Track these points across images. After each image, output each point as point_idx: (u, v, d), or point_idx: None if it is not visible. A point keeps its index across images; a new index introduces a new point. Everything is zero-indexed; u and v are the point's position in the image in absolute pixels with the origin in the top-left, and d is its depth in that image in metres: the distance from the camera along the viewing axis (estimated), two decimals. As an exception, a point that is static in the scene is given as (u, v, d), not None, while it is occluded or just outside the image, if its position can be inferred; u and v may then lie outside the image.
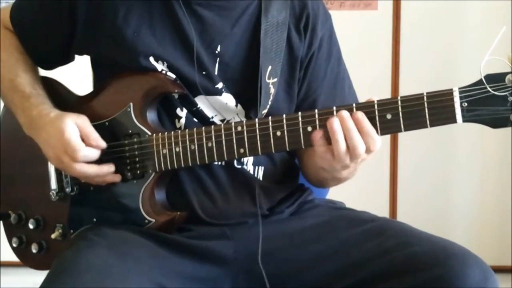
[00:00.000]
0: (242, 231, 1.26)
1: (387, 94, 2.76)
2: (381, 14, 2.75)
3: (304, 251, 1.23)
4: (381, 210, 2.73)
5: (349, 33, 2.70)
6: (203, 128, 1.20)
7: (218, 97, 1.25)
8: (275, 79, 1.26)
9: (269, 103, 1.26)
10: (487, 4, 2.69)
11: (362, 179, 2.80)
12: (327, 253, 1.21)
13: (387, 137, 2.81)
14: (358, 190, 2.74)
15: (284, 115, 1.15)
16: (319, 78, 1.33)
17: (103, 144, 1.24)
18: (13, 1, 1.39)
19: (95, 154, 1.23)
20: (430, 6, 2.72)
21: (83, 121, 1.23)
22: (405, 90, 2.75)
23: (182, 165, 1.21)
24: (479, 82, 1.01)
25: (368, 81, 2.43)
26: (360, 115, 1.08)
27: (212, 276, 1.22)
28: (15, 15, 1.35)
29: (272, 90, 1.26)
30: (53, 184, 1.33)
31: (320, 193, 1.48)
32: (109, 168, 1.25)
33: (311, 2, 1.33)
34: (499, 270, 2.54)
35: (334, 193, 1.51)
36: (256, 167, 1.29)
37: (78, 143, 1.21)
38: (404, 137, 2.80)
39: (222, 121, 1.26)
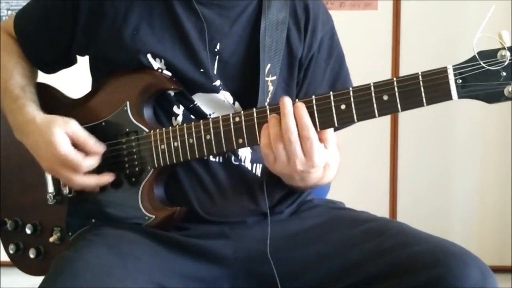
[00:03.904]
0: (242, 231, 1.25)
1: (387, 94, 2.76)
2: (381, 14, 2.75)
3: (304, 252, 1.22)
4: (381, 209, 2.73)
5: (349, 33, 2.70)
6: (201, 121, 1.20)
7: (215, 94, 1.25)
8: (274, 77, 1.27)
9: (267, 100, 1.26)
10: (487, 4, 2.69)
11: (362, 178, 2.82)
12: (327, 254, 1.21)
13: (387, 137, 2.82)
14: (358, 189, 2.75)
15: None
16: (318, 80, 1.33)
17: (102, 148, 1.24)
18: (14, 1, 1.40)
19: (95, 162, 1.23)
20: (430, 6, 2.73)
21: (73, 127, 1.23)
22: (405, 90, 2.75)
23: (181, 159, 1.21)
24: (473, 58, 1.03)
25: (368, 81, 2.44)
26: (300, 104, 1.10)
27: (212, 276, 1.21)
28: (18, 22, 1.37)
29: (271, 88, 1.27)
30: (50, 187, 1.33)
31: (320, 193, 1.47)
32: (109, 178, 1.25)
33: (312, 3, 1.33)
34: (499, 270, 2.54)
35: (333, 193, 1.51)
36: (254, 165, 1.28)
37: (77, 156, 1.21)
38: (404, 136, 2.80)
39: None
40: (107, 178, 1.25)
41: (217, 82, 1.25)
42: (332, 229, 1.25)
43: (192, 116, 1.25)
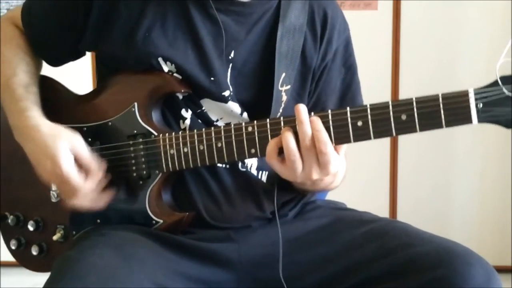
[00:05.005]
0: (247, 234, 1.25)
1: (387, 94, 2.76)
2: (381, 14, 2.75)
3: (307, 255, 1.22)
4: (381, 210, 2.73)
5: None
6: (213, 128, 1.18)
7: (223, 104, 1.23)
8: (288, 86, 1.24)
9: (280, 111, 1.24)
10: (487, 4, 2.69)
11: (362, 179, 2.82)
12: (331, 255, 1.21)
13: (387, 138, 2.81)
14: (358, 190, 2.75)
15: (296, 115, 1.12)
16: (329, 90, 1.31)
17: (101, 173, 1.21)
18: (14, 1, 1.38)
19: (94, 188, 1.21)
20: (430, 6, 2.73)
21: (78, 145, 1.20)
22: (405, 90, 2.75)
23: (191, 165, 1.19)
24: (495, 83, 1.01)
25: (368, 81, 2.44)
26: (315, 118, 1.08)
27: (217, 279, 1.21)
28: (26, 15, 1.32)
29: (285, 98, 1.25)
30: (53, 185, 1.29)
31: (319, 194, 1.47)
32: (102, 204, 1.23)
33: (331, 10, 1.31)
34: (499, 270, 2.53)
35: (334, 194, 1.50)
36: (260, 172, 1.27)
37: (78, 180, 1.18)
38: (404, 137, 2.80)
39: (227, 124, 1.22)
40: (101, 204, 1.23)
41: (226, 93, 1.23)
42: (336, 230, 1.25)
43: (199, 121, 1.24)
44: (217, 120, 1.24)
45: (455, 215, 2.86)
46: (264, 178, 1.28)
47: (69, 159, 1.18)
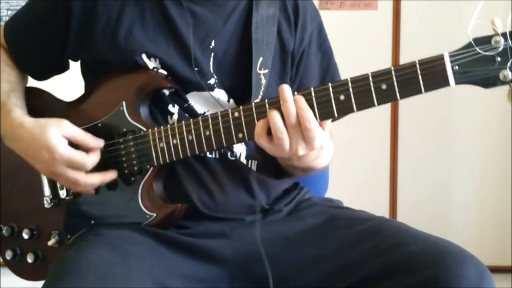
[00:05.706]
0: (241, 231, 1.25)
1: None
2: (381, 14, 2.76)
3: (302, 254, 1.22)
4: (381, 210, 2.73)
5: (349, 33, 2.71)
6: (200, 117, 1.20)
7: (210, 92, 1.25)
8: (266, 70, 1.28)
9: (261, 93, 1.27)
10: (487, 4, 2.68)
11: (362, 178, 2.82)
12: (325, 255, 1.21)
13: (387, 136, 2.82)
14: (358, 190, 2.75)
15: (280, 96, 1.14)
16: (309, 75, 1.35)
17: (101, 142, 1.24)
18: (14, 1, 1.39)
19: (98, 158, 1.23)
20: (430, 6, 2.73)
21: (67, 128, 1.22)
22: (405, 90, 2.75)
23: (181, 156, 1.21)
24: (468, 45, 1.05)
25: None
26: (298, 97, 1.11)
27: (211, 276, 1.21)
28: (9, 31, 1.36)
29: (264, 81, 1.27)
30: (46, 191, 1.32)
31: (318, 192, 1.48)
32: (113, 174, 1.25)
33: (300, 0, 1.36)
34: (499, 270, 2.54)
35: (333, 192, 1.50)
36: (250, 161, 1.29)
37: (81, 155, 1.21)
38: (404, 137, 2.80)
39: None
40: (111, 175, 1.25)
41: (212, 81, 1.26)
42: (330, 229, 1.25)
43: (187, 115, 1.25)
44: (204, 113, 1.26)
45: (455, 215, 2.86)
46: (253, 167, 1.30)
47: (63, 142, 1.20)
